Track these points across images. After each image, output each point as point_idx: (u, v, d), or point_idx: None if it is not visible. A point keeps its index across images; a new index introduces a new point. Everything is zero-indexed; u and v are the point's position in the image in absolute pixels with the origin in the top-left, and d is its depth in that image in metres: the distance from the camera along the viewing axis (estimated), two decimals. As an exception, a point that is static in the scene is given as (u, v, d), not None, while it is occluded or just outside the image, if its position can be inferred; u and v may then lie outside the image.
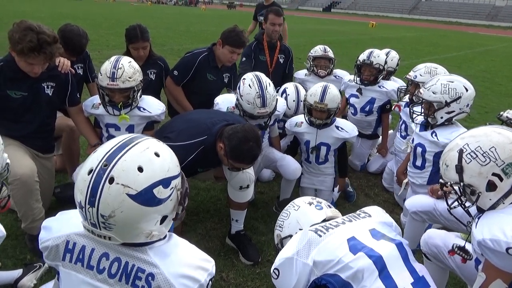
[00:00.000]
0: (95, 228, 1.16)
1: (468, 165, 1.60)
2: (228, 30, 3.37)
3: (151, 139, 1.24)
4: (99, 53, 8.74)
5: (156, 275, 1.20)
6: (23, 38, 2.23)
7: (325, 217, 1.65)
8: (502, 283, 1.52)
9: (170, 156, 1.24)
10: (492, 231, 1.50)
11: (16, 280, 2.25)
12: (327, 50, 4.24)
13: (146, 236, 1.19)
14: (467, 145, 1.62)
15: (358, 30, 24.38)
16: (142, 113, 2.81)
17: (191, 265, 1.25)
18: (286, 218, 1.73)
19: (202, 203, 3.35)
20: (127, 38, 3.34)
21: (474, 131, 1.68)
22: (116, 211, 1.11)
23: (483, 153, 1.58)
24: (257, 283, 2.49)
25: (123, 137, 1.22)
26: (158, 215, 1.19)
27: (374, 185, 3.95)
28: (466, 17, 46.73)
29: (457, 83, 2.69)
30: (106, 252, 1.24)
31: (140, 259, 1.22)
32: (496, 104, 7.51)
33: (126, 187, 1.11)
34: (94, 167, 1.14)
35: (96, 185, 1.11)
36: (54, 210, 2.82)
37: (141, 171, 1.13)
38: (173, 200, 1.22)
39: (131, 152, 1.16)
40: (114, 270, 1.23)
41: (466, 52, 16.55)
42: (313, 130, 3.14)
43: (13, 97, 2.47)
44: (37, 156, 2.70)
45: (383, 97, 3.91)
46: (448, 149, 1.72)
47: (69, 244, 1.27)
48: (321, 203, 1.74)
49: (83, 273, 1.25)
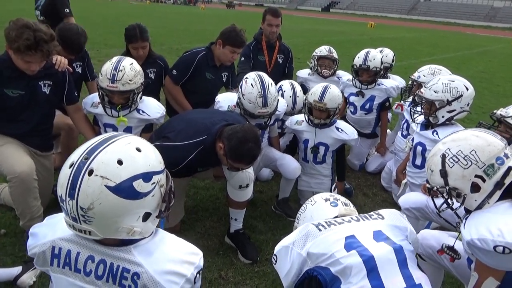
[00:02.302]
0: (76, 223, 1.16)
1: (452, 169, 1.65)
2: (228, 30, 3.37)
3: (134, 136, 1.26)
4: (97, 51, 8.73)
5: (141, 274, 1.21)
6: (19, 36, 2.22)
7: (338, 214, 1.68)
8: (494, 280, 1.55)
9: (152, 152, 1.25)
10: (479, 230, 1.53)
11: (16, 277, 2.25)
12: (332, 51, 4.26)
13: (127, 232, 1.19)
14: (449, 149, 1.67)
15: (357, 30, 24.41)
16: (141, 116, 2.81)
17: (176, 260, 1.26)
18: (303, 211, 1.82)
19: (201, 202, 3.36)
20: (127, 38, 3.34)
21: (454, 135, 1.73)
22: (94, 203, 1.12)
23: (464, 156, 1.63)
24: (255, 281, 2.50)
25: (105, 134, 1.24)
26: (140, 210, 1.18)
27: (373, 185, 3.97)
28: (464, 18, 46.87)
29: (458, 82, 2.71)
30: (91, 255, 1.24)
31: (124, 260, 1.22)
32: (493, 105, 7.53)
33: (105, 178, 1.12)
34: (75, 160, 1.15)
35: (76, 177, 1.13)
36: (53, 208, 2.83)
37: (120, 164, 1.14)
38: (155, 196, 1.21)
39: (112, 146, 1.17)
40: (100, 271, 1.24)
41: (464, 52, 16.61)
42: (313, 130, 3.15)
43: (10, 95, 2.47)
44: (36, 154, 2.69)
45: (383, 94, 3.92)
46: (431, 155, 1.77)
47: (55, 249, 1.28)
48: (338, 200, 1.77)
49: (72, 276, 1.26)
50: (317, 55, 4.27)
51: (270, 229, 3.05)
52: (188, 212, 3.11)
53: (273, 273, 2.58)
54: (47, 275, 2.32)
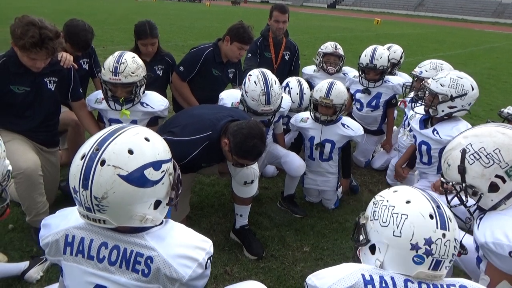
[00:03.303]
0: (90, 212, 1.19)
1: (471, 166, 1.57)
2: (236, 27, 3.36)
3: (140, 127, 1.29)
4: (103, 48, 8.77)
5: (154, 257, 1.23)
6: (25, 33, 2.23)
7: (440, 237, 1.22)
8: (509, 284, 1.50)
9: (160, 142, 1.28)
10: (495, 234, 1.48)
11: (23, 272, 2.27)
12: (338, 47, 4.22)
13: (140, 220, 1.21)
14: (470, 145, 1.59)
15: (363, 26, 24.26)
16: (145, 108, 2.82)
17: (188, 245, 1.28)
18: (395, 212, 1.26)
19: (206, 198, 3.37)
20: (136, 34, 3.36)
21: (478, 130, 1.63)
22: (108, 192, 1.14)
23: (486, 154, 1.54)
24: (261, 277, 2.50)
25: (114, 126, 1.27)
26: (151, 198, 1.21)
27: (378, 182, 3.95)
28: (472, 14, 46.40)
29: (465, 80, 2.69)
30: (104, 242, 1.27)
31: (137, 244, 1.25)
32: (501, 102, 7.47)
33: (117, 168, 1.15)
34: (86, 152, 1.18)
35: (89, 168, 1.15)
36: (60, 203, 2.86)
37: (131, 153, 1.18)
38: (165, 184, 1.24)
39: (121, 136, 1.20)
40: (114, 257, 1.26)
41: (471, 49, 16.46)
42: (318, 127, 3.14)
43: (16, 92, 2.49)
44: (42, 150, 2.72)
45: (389, 91, 3.90)
46: (450, 148, 1.69)
47: (68, 237, 1.30)
48: (446, 223, 1.24)
49: (85, 264, 1.28)
50: (322, 52, 4.24)
51: (275, 226, 3.06)
52: (194, 208, 3.12)
53: (278, 269, 2.58)
54: (54, 270, 2.36)
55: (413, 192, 1.30)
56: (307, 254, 2.76)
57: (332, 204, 3.35)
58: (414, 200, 1.26)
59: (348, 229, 3.09)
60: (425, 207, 1.23)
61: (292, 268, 2.61)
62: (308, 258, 2.72)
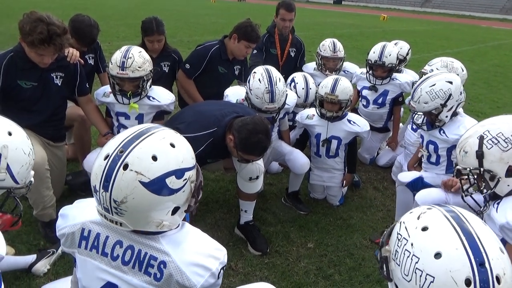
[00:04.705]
0: (108, 213, 1.18)
1: (490, 150, 1.61)
2: (243, 25, 3.35)
3: (168, 130, 1.26)
4: (109, 44, 8.78)
5: (168, 263, 1.22)
6: (33, 29, 2.25)
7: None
8: None
9: (185, 148, 1.25)
10: None
11: (30, 265, 2.30)
12: (336, 49, 4.00)
13: (156, 226, 1.20)
14: (488, 131, 1.63)
15: (369, 23, 24.11)
16: (151, 102, 2.84)
17: (202, 253, 1.26)
18: (421, 277, 0.95)
19: (211, 194, 3.38)
20: (143, 30, 3.38)
21: (494, 119, 1.68)
22: (128, 197, 1.13)
23: (505, 139, 1.59)
24: (265, 273, 2.52)
25: (140, 126, 1.24)
26: (170, 205, 1.20)
27: (383, 179, 3.95)
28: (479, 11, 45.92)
29: (439, 83, 2.63)
30: (120, 240, 1.26)
31: (152, 247, 1.24)
32: (508, 99, 7.40)
33: (139, 174, 1.13)
34: (110, 152, 1.17)
35: (111, 170, 1.14)
36: (67, 197, 2.88)
37: (155, 160, 1.15)
38: (186, 192, 1.22)
39: (147, 140, 1.18)
40: (127, 257, 1.25)
41: (479, 46, 16.30)
42: (324, 123, 3.14)
43: (24, 87, 2.51)
44: (48, 145, 2.74)
45: (396, 89, 3.87)
46: (467, 136, 1.73)
47: (84, 231, 1.30)
48: None
49: (98, 260, 1.28)
50: (321, 54, 4.07)
51: (280, 222, 3.07)
52: (199, 204, 3.12)
53: (282, 265, 2.59)
54: (61, 263, 2.39)
55: (447, 234, 0.95)
56: (311, 250, 2.76)
57: (337, 200, 3.36)
58: (446, 253, 0.92)
59: (353, 226, 3.09)
60: (461, 266, 0.90)
61: (296, 264, 2.62)
62: (312, 254, 2.73)
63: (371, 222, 3.17)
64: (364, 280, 2.51)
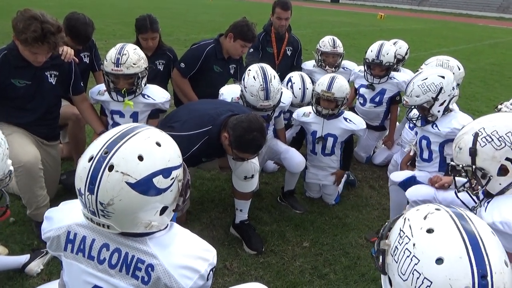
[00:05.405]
0: (94, 216, 1.15)
1: (483, 148, 1.61)
2: (240, 24, 3.33)
3: (153, 129, 1.23)
4: (105, 42, 8.74)
5: (156, 266, 1.20)
6: (27, 27, 2.22)
7: None
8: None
9: (172, 147, 1.23)
10: (503, 213, 1.51)
11: (24, 265, 2.28)
12: (336, 45, 4.11)
13: (145, 226, 1.18)
14: (483, 128, 1.63)
15: (367, 21, 24.12)
16: (146, 100, 2.83)
17: (191, 255, 1.24)
18: (418, 279, 0.93)
19: (206, 193, 3.37)
20: (137, 28, 3.36)
21: (491, 116, 1.68)
22: (114, 199, 1.10)
23: (499, 137, 1.59)
24: (260, 272, 2.51)
25: (125, 126, 1.21)
26: (158, 205, 1.17)
27: (379, 177, 3.95)
28: (476, 9, 46.01)
29: (430, 77, 2.66)
30: (106, 243, 1.24)
31: (139, 250, 1.21)
32: (505, 98, 7.37)
33: (126, 175, 1.10)
34: (94, 154, 1.13)
35: (96, 172, 1.11)
36: (61, 197, 2.86)
37: (141, 160, 1.12)
38: (173, 191, 1.20)
39: (132, 140, 1.15)
40: (114, 260, 1.23)
41: (475, 44, 16.34)
42: (320, 121, 3.13)
43: (17, 85, 2.49)
44: (42, 144, 2.72)
45: (394, 88, 3.87)
46: (462, 133, 1.73)
47: (70, 234, 1.27)
48: None
49: (85, 263, 1.26)
50: (320, 50, 4.15)
51: (275, 221, 3.06)
52: (194, 203, 3.12)
53: (277, 264, 2.59)
54: (54, 263, 2.37)
55: (453, 240, 0.91)
56: (307, 249, 2.76)
57: (333, 199, 3.35)
58: (449, 260, 0.88)
59: (348, 225, 3.09)
60: (462, 276, 0.86)
61: (292, 263, 2.61)
62: (308, 253, 2.72)
63: (366, 221, 3.17)
64: (359, 279, 2.51)
